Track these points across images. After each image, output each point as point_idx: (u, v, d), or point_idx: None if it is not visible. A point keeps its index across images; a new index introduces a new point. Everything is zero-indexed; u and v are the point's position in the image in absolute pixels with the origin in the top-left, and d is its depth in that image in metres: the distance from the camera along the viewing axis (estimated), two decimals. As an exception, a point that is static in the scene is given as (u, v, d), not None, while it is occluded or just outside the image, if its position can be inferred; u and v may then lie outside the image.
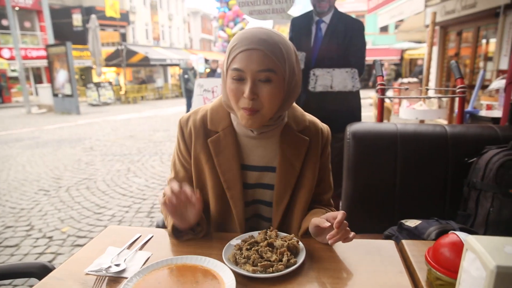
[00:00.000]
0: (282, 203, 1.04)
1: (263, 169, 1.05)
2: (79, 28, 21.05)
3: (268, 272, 0.81)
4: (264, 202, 1.09)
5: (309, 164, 1.06)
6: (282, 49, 0.91)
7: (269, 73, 0.89)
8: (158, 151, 6.22)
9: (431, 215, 1.34)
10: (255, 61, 0.87)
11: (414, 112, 2.79)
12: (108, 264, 0.90)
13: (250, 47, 0.88)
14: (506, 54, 6.04)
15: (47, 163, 5.51)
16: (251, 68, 0.88)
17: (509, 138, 1.46)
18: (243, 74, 0.89)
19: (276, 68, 0.89)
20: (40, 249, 2.74)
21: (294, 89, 0.98)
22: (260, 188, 1.07)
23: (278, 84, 0.91)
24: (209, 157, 1.04)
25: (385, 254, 0.92)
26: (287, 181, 1.03)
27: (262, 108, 0.92)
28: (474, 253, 0.62)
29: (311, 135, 1.07)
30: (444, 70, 8.74)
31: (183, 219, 0.96)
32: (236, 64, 0.89)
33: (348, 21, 2.31)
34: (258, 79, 0.89)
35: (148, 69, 25.61)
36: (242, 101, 0.91)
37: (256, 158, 1.05)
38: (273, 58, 0.88)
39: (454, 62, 2.00)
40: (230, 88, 0.92)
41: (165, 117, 11.66)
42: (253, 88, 0.89)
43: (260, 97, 0.90)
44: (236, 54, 0.89)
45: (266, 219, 1.10)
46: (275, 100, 0.93)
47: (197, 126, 1.06)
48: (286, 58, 0.91)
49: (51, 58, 13.08)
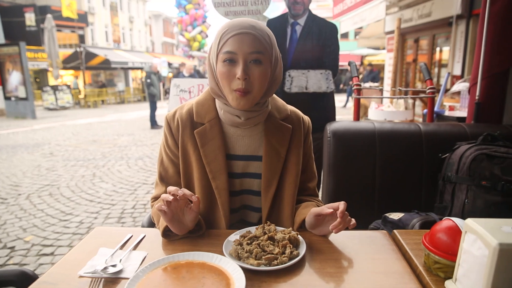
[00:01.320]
0: (270, 191, 1.07)
1: (249, 158, 1.09)
2: (33, 28, 19.94)
3: (272, 265, 0.81)
4: (252, 191, 1.11)
5: (294, 150, 1.10)
6: (269, 35, 0.99)
7: (259, 55, 0.95)
8: (124, 156, 6.03)
9: (410, 207, 1.41)
10: (247, 43, 0.93)
11: (382, 113, 2.91)
12: (102, 265, 0.86)
13: (242, 31, 0.93)
14: (458, 61, 6.47)
15: (2, 170, 5.16)
16: (243, 50, 0.93)
17: (476, 134, 1.57)
18: (235, 56, 0.94)
19: (265, 51, 0.96)
20: (1, 260, 2.55)
21: (277, 76, 1.04)
22: (247, 177, 1.10)
23: (267, 66, 0.97)
24: (195, 148, 1.06)
25: (380, 243, 0.95)
26: (273, 168, 1.07)
27: (253, 89, 0.96)
28: (474, 234, 0.66)
29: (294, 123, 1.12)
30: (403, 75, 9.19)
31: (180, 225, 0.95)
32: (228, 47, 0.94)
33: (322, 24, 2.38)
34: (249, 60, 0.94)
35: (108, 72, 24.72)
36: (235, 83, 0.95)
37: (241, 148, 1.08)
38: (263, 41, 0.95)
39: (424, 64, 2.12)
40: (221, 72, 0.96)
41: (129, 121, 11.32)
42: (245, 69, 0.94)
43: (251, 78, 0.95)
44: (228, 38, 0.94)
45: (256, 209, 1.13)
46: (265, 81, 0.98)
47: (184, 119, 1.08)
48: (272, 44, 0.99)
49: (3, 58, 12.25)
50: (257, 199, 1.11)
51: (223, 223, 1.08)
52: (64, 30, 21.64)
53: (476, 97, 1.83)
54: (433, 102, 2.06)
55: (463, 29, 6.32)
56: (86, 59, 19.56)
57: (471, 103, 1.88)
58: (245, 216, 1.16)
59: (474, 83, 1.87)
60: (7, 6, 19.79)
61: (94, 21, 24.46)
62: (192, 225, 0.96)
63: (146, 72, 9.66)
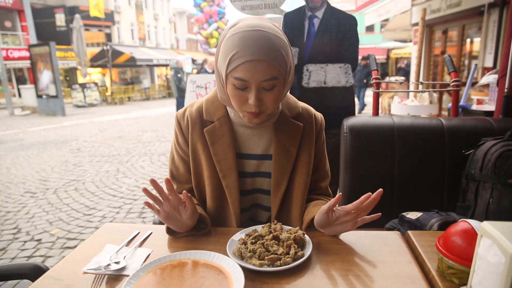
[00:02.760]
0: (280, 190, 1.04)
1: (261, 158, 1.06)
2: (63, 28, 20.64)
3: (275, 265, 0.79)
4: (262, 190, 1.09)
5: (305, 149, 1.06)
6: (284, 53, 0.88)
7: (274, 81, 0.88)
8: (148, 152, 6.14)
9: (430, 207, 1.34)
10: (260, 72, 0.85)
11: (406, 108, 2.81)
12: (107, 262, 0.86)
13: (255, 58, 0.84)
14: (490, 52, 6.16)
15: (33, 165, 5.38)
16: (256, 78, 0.86)
17: (504, 129, 1.47)
18: (247, 84, 0.88)
19: (280, 75, 0.89)
20: (28, 252, 2.66)
21: (289, 83, 0.99)
22: (258, 176, 1.08)
23: (281, 87, 0.92)
24: (205, 147, 1.04)
25: (392, 244, 0.90)
26: (283, 168, 1.04)
27: (267, 110, 0.93)
28: (490, 239, 0.61)
29: (305, 121, 1.08)
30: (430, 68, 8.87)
31: (178, 223, 0.94)
32: (240, 74, 0.86)
33: (340, 16, 2.31)
34: (262, 86, 0.89)
35: (134, 69, 25.29)
36: (247, 106, 0.92)
37: (252, 146, 1.06)
38: (277, 67, 0.87)
39: (448, 56, 2.01)
40: (233, 94, 0.91)
41: (153, 117, 11.53)
42: (258, 95, 0.89)
43: (265, 101, 0.91)
44: (239, 64, 0.85)
45: (266, 208, 1.11)
46: (278, 101, 0.94)
47: (193, 117, 1.06)
48: (287, 61, 0.90)
49: (34, 58, 12.78)
50: (267, 198, 1.08)
51: (233, 222, 1.06)
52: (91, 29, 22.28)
53: (505, 89, 1.72)
54: (458, 96, 1.96)
55: (495, 18, 6.01)
56: (113, 57, 20.07)
57: (499, 96, 1.77)
58: (255, 215, 1.14)
59: (503, 75, 1.76)
60: (39, 8, 20.57)
61: (120, 20, 25.03)
62: (191, 222, 0.94)
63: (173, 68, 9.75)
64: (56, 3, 21.53)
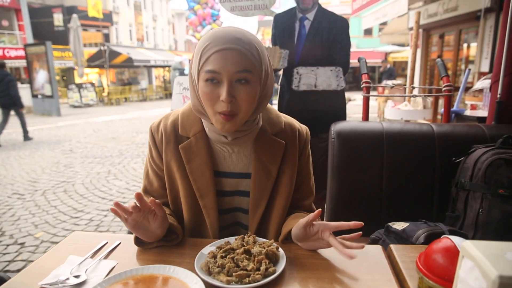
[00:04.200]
0: (258, 211, 0.98)
1: (240, 176, 0.99)
2: (60, 28, 20.54)
3: (244, 282, 0.73)
4: (242, 209, 1.02)
5: (286, 168, 0.99)
6: (258, 48, 0.86)
7: (247, 74, 0.83)
8: (141, 153, 6.07)
9: (419, 216, 1.29)
10: (232, 61, 0.81)
11: (399, 112, 2.76)
12: (66, 275, 0.81)
13: (225, 46, 0.81)
14: (487, 57, 6.13)
15: (23, 166, 5.30)
16: (227, 69, 0.81)
17: (496, 136, 1.42)
18: (219, 76, 0.82)
19: (253, 69, 0.84)
20: (10, 257, 2.58)
21: (268, 90, 0.93)
22: (237, 195, 1.01)
23: (255, 84, 0.86)
24: (180, 164, 0.97)
25: (372, 260, 0.85)
26: (263, 188, 0.97)
27: (240, 112, 0.86)
28: (472, 261, 0.55)
29: (287, 138, 1.00)
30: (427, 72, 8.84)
31: (147, 233, 0.87)
32: (211, 66, 0.82)
33: (332, 18, 2.26)
34: (235, 80, 0.83)
35: (132, 70, 25.20)
36: (219, 105, 0.85)
37: (230, 164, 0.99)
38: (250, 58, 0.83)
39: (440, 60, 1.96)
40: (204, 92, 0.85)
41: (149, 118, 11.45)
42: (230, 90, 0.83)
43: (238, 100, 0.84)
44: (210, 54, 0.82)
45: (246, 227, 1.03)
46: (253, 101, 0.87)
47: (168, 131, 0.99)
48: (262, 58, 0.87)
49: (30, 58, 12.67)
50: (247, 217, 1.02)
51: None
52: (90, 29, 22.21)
53: (497, 95, 1.67)
54: (450, 101, 1.91)
55: (492, 23, 5.98)
56: (110, 57, 19.98)
57: (492, 103, 1.72)
58: (235, 232, 1.07)
59: (495, 80, 1.71)
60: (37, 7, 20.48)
61: (118, 20, 24.96)
62: (161, 231, 0.88)
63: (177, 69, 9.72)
64: (54, 3, 21.44)
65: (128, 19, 26.16)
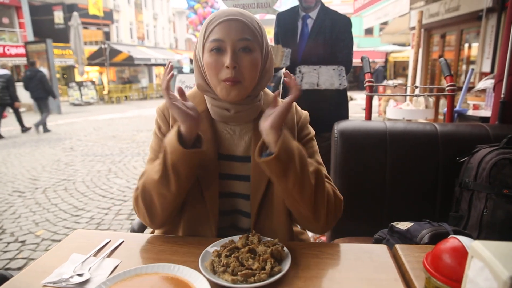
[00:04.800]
0: (258, 195, 0.98)
1: (240, 159, 1.00)
2: (61, 26, 20.51)
3: (249, 282, 0.72)
4: (241, 195, 1.02)
5: None
6: (259, 23, 0.93)
7: (249, 42, 0.88)
8: (141, 152, 6.06)
9: (422, 216, 1.28)
10: (235, 30, 0.87)
11: (401, 112, 2.75)
12: (70, 274, 0.80)
13: (229, 17, 0.88)
14: (488, 57, 6.13)
15: (24, 164, 5.29)
16: (231, 37, 0.87)
17: (500, 136, 1.41)
18: (223, 44, 0.88)
19: (255, 38, 0.90)
20: (11, 254, 2.58)
21: (269, 69, 0.97)
22: (237, 180, 1.01)
23: (257, 54, 0.91)
24: None
25: (378, 260, 0.84)
26: (261, 171, 0.94)
27: (244, 79, 0.90)
28: (482, 261, 0.54)
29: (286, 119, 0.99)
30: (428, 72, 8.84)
31: (194, 120, 0.86)
32: (215, 35, 0.88)
33: (335, 17, 2.25)
34: (238, 48, 0.88)
35: (132, 68, 25.18)
36: (223, 73, 0.88)
37: (232, 147, 1.01)
38: (252, 28, 0.89)
39: (443, 59, 1.96)
40: (208, 62, 0.89)
41: (149, 117, 11.44)
42: (234, 57, 0.87)
43: (241, 67, 0.88)
44: (215, 26, 0.88)
45: (246, 214, 1.03)
46: (256, 70, 0.91)
47: None
48: (263, 33, 0.93)
49: (31, 55, 12.67)
50: (247, 204, 1.01)
51: (212, 227, 0.99)
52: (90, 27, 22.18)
53: (501, 95, 1.67)
54: (453, 101, 1.90)
55: (493, 23, 5.98)
56: (110, 55, 19.95)
57: (495, 102, 1.71)
58: (236, 221, 1.06)
59: (499, 80, 1.71)
60: (38, 5, 20.45)
61: (119, 18, 24.93)
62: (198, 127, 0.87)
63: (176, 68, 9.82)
64: (55, 1, 21.41)
65: (128, 17, 26.13)
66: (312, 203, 0.88)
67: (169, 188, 0.88)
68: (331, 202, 0.92)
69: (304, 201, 0.87)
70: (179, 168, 0.86)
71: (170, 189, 0.88)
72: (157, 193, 0.90)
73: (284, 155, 0.82)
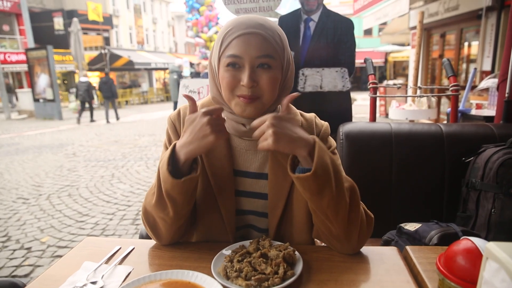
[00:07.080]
0: (276, 213, 0.93)
1: (256, 176, 0.96)
2: (61, 32, 20.59)
3: (263, 286, 0.73)
4: (256, 212, 0.98)
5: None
6: (280, 36, 0.85)
7: (269, 59, 0.82)
8: (144, 156, 6.07)
9: (429, 216, 1.28)
10: (254, 46, 0.80)
11: (403, 113, 2.76)
12: (83, 281, 0.80)
13: (248, 31, 0.80)
14: (488, 56, 6.13)
15: (27, 170, 5.31)
16: (249, 53, 0.80)
17: (505, 136, 1.42)
18: (240, 61, 0.82)
19: (275, 54, 0.83)
20: (17, 262, 2.58)
21: (289, 81, 0.91)
22: (252, 197, 0.97)
23: (277, 71, 0.84)
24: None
25: (389, 262, 0.84)
26: (279, 188, 0.93)
27: (262, 96, 0.84)
28: (497, 263, 0.55)
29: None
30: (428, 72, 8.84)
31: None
32: (232, 50, 0.81)
33: (337, 19, 2.26)
34: (257, 65, 0.82)
35: (132, 73, 25.23)
36: (239, 89, 0.83)
37: (246, 163, 0.96)
38: (273, 43, 0.82)
39: (446, 59, 1.96)
40: (223, 77, 0.83)
41: (150, 121, 11.47)
42: (252, 75, 0.81)
43: (260, 85, 0.83)
44: (232, 39, 0.81)
45: (260, 230, 0.99)
46: (275, 87, 0.85)
47: None
48: (284, 46, 0.86)
49: (31, 62, 12.72)
50: (262, 221, 0.98)
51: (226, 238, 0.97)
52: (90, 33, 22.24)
53: (505, 94, 1.67)
54: (457, 101, 1.91)
55: (493, 21, 5.98)
56: (111, 60, 20.00)
57: (499, 101, 1.72)
58: (247, 234, 1.02)
59: (503, 79, 1.71)
60: (37, 11, 20.54)
61: (118, 24, 25.00)
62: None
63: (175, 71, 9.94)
64: (54, 7, 21.50)
65: (128, 22, 26.21)
66: (345, 222, 0.81)
67: (167, 213, 0.84)
68: (363, 221, 0.86)
69: (337, 220, 0.81)
70: (175, 196, 0.82)
71: (168, 214, 0.84)
72: (157, 216, 0.87)
73: (321, 171, 0.75)
